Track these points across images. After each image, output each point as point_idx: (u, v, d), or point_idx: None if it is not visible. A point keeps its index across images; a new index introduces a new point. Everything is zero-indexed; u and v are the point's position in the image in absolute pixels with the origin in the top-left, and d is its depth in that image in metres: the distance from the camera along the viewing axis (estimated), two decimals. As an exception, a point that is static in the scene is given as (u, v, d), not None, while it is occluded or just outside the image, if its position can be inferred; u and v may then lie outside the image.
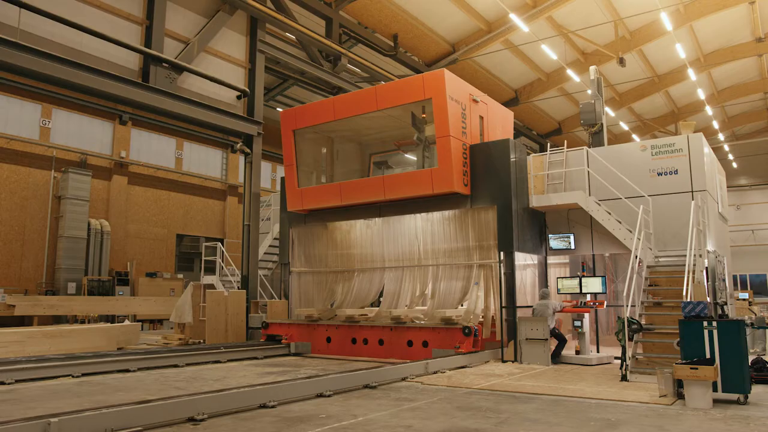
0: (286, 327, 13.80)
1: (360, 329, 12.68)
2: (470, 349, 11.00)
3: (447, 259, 13.27)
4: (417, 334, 11.81)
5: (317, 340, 13.28)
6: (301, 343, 13.40)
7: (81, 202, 22.50)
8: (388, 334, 12.19)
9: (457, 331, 11.24)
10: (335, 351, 12.91)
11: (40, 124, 22.53)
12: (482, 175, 12.65)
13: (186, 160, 27.76)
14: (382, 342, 12.22)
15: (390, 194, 13.16)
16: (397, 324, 12.14)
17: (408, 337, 11.88)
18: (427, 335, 11.66)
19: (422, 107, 13.26)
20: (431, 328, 11.67)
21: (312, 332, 13.41)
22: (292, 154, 14.68)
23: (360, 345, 12.56)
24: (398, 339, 12.04)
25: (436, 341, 11.52)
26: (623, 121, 34.04)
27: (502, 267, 12.11)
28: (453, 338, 11.22)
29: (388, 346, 12.13)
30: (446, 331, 11.43)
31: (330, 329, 13.10)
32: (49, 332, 12.19)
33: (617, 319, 9.27)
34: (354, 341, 12.67)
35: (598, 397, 7.51)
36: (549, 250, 13.35)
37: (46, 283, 21.94)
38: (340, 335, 12.95)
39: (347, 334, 12.83)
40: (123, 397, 7.82)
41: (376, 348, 12.28)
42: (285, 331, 13.80)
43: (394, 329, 12.11)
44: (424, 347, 11.61)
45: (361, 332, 12.62)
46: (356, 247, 14.89)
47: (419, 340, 11.74)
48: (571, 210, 13.06)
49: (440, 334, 11.48)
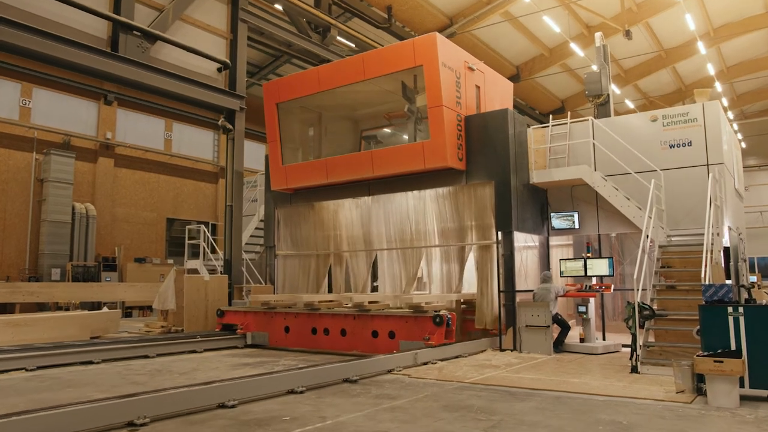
0: (242, 315, 12.41)
1: (320, 318, 11.26)
2: (441, 340, 9.61)
3: (442, 240, 12.33)
4: (383, 323, 10.42)
5: (275, 329, 11.87)
6: (258, 333, 12.08)
7: (64, 185, 21.61)
8: (351, 323, 10.80)
9: (426, 320, 9.85)
10: (293, 342, 11.53)
11: (19, 103, 21.55)
12: (478, 149, 11.67)
13: (175, 141, 26.77)
14: (344, 332, 10.85)
15: (379, 170, 12.19)
16: (360, 312, 10.76)
17: (373, 327, 10.49)
18: (393, 324, 10.27)
19: (414, 76, 12.25)
20: (398, 317, 10.25)
21: (270, 321, 11.99)
22: (275, 130, 13.70)
23: (320, 335, 11.17)
24: (362, 329, 10.64)
25: (403, 331, 10.12)
26: (628, 98, 32.89)
27: (500, 248, 11.18)
28: (422, 328, 9.85)
29: (350, 336, 10.77)
30: (415, 320, 10.03)
31: (288, 318, 11.78)
32: (12, 321, 11.32)
33: (626, 304, 8.35)
34: (314, 331, 11.28)
35: (606, 393, 6.59)
36: (551, 230, 12.39)
37: (29, 270, 21.11)
38: (299, 324, 11.54)
39: (307, 323, 11.43)
40: (69, 394, 6.94)
41: (338, 339, 10.90)
42: (241, 319, 12.39)
43: (358, 318, 10.71)
44: (390, 338, 10.34)
45: (322, 321, 11.21)
46: (345, 228, 13.95)
47: (385, 330, 10.34)
48: (575, 186, 12.08)
49: (408, 324, 10.09)
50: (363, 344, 10.53)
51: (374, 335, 10.45)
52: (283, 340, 11.73)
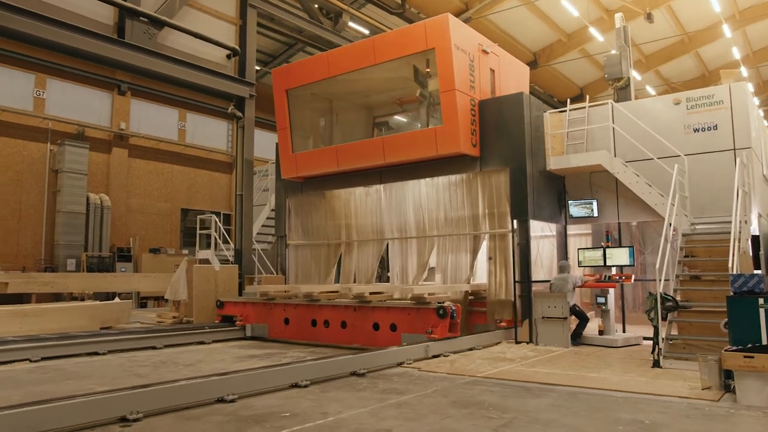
0: (241, 306, 12.05)
1: (320, 309, 10.83)
2: (445, 334, 9.13)
3: (455, 229, 11.97)
4: (384, 315, 9.96)
5: (274, 321, 11.48)
6: (258, 324, 11.72)
7: (79, 176, 21.58)
8: (351, 315, 10.36)
9: (430, 312, 9.36)
10: (293, 334, 11.12)
11: (33, 94, 21.52)
12: (493, 135, 11.26)
13: (189, 131, 26.63)
14: (344, 324, 10.42)
15: (390, 157, 11.84)
16: (361, 303, 10.31)
17: (373, 319, 10.05)
18: (395, 317, 9.81)
19: (426, 60, 11.86)
20: (400, 309, 9.80)
21: (269, 312, 11.60)
22: (285, 117, 13.41)
23: (320, 327, 10.74)
24: (363, 321, 10.19)
25: (405, 324, 9.67)
26: (650, 85, 32.04)
27: (515, 237, 10.79)
28: (425, 321, 9.39)
29: (351, 329, 10.33)
30: (417, 312, 9.55)
31: (288, 309, 11.39)
32: (20, 311, 11.22)
33: (648, 295, 7.94)
34: (314, 323, 10.85)
35: (626, 390, 6.22)
36: (569, 218, 11.97)
37: (45, 260, 21.15)
38: (298, 316, 11.13)
39: (306, 314, 11.01)
40: (68, 387, 6.75)
41: (338, 331, 10.49)
42: (240, 310, 12.02)
43: (358, 309, 10.27)
44: (392, 331, 9.77)
45: (322, 313, 10.78)
46: (356, 217, 13.63)
47: (386, 323, 9.88)
48: (593, 173, 11.62)
49: (411, 316, 9.63)
50: (364, 337, 10.10)
51: (375, 328, 10.02)
52: (282, 332, 11.32)
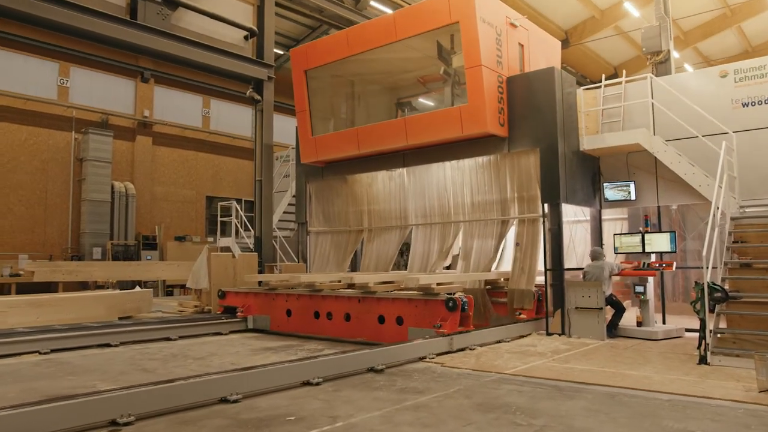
0: (243, 297, 11.43)
1: (323, 300, 10.12)
2: (455, 328, 8.26)
3: (481, 213, 11.34)
4: (389, 307, 9.18)
5: (277, 312, 10.84)
6: (260, 316, 11.10)
7: (103, 164, 21.50)
8: (355, 306, 9.62)
9: (438, 304, 8.50)
10: (295, 327, 10.50)
11: (57, 83, 21.42)
12: (522, 113, 10.57)
13: (213, 118, 26.35)
14: (348, 317, 9.70)
15: (413, 139, 11.25)
16: (365, 294, 9.55)
17: (379, 312, 9.28)
18: (401, 309, 9.01)
19: (450, 36, 11.20)
20: (407, 300, 8.98)
21: (271, 303, 10.97)
22: (304, 99, 12.91)
23: (323, 320, 10.06)
24: (367, 313, 9.44)
25: (412, 317, 8.81)
26: (688, 62, 30.61)
27: (546, 222, 10.13)
28: (434, 313, 8.53)
29: (355, 322, 9.59)
30: (425, 304, 8.70)
31: (290, 300, 10.74)
32: (36, 301, 11.01)
33: (694, 285, 7.23)
34: (317, 315, 10.18)
35: (671, 391, 5.57)
36: (604, 201, 11.23)
37: (71, 249, 21.18)
38: (301, 307, 10.46)
39: (309, 305, 10.34)
40: (69, 383, 6.40)
41: (341, 324, 9.76)
42: (242, 301, 11.40)
43: (363, 301, 9.52)
44: (398, 325, 8.95)
45: (325, 304, 10.09)
46: (379, 202, 13.09)
47: (392, 316, 9.07)
48: (631, 153, 10.85)
49: (418, 308, 8.79)
50: (368, 331, 9.38)
51: (381, 321, 9.25)
52: (285, 324, 10.68)
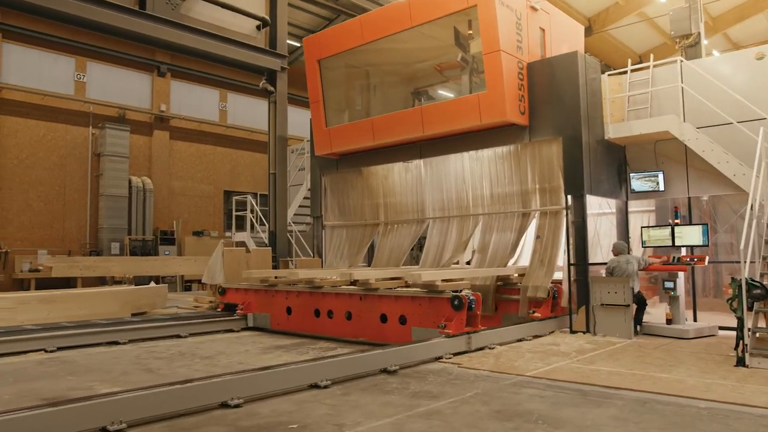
0: (243, 293, 10.97)
1: (324, 298, 9.59)
2: (461, 328, 7.66)
3: (501, 206, 10.90)
4: (392, 305, 8.62)
5: (276, 309, 10.36)
6: (260, 314, 10.63)
7: (120, 159, 21.44)
8: (357, 304, 9.09)
9: (443, 303, 7.90)
10: (295, 325, 9.99)
11: (74, 78, 21.37)
12: (543, 101, 10.09)
13: (231, 112, 26.15)
14: (349, 315, 9.16)
15: (430, 129, 10.83)
16: (366, 292, 8.98)
17: (381, 310, 8.73)
18: (404, 307, 8.45)
19: (468, 21, 10.74)
20: (410, 298, 8.39)
21: (271, 300, 10.48)
22: (318, 89, 12.55)
23: (324, 318, 9.54)
24: (369, 312, 8.89)
25: (416, 316, 8.25)
26: (717, 49, 29.61)
27: (569, 214, 9.65)
28: (438, 312, 7.93)
29: (357, 320, 9.06)
30: (429, 303, 8.12)
31: (290, 297, 10.25)
32: (47, 297, 10.86)
33: (731, 281, 6.73)
34: (317, 313, 9.66)
35: (708, 398, 5.10)
36: (630, 192, 10.70)
37: (90, 244, 21.17)
38: (301, 305, 9.95)
39: (309, 303, 9.82)
40: (67, 384, 6.14)
41: (342, 323, 9.24)
42: (242, 298, 10.92)
43: (364, 299, 8.97)
44: (401, 324, 8.40)
45: (326, 302, 9.56)
46: (395, 195, 12.71)
47: (395, 315, 8.51)
48: (659, 142, 10.31)
49: (422, 307, 8.22)
50: (370, 330, 8.85)
51: (383, 320, 8.71)
52: (285, 322, 10.19)
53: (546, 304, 9.47)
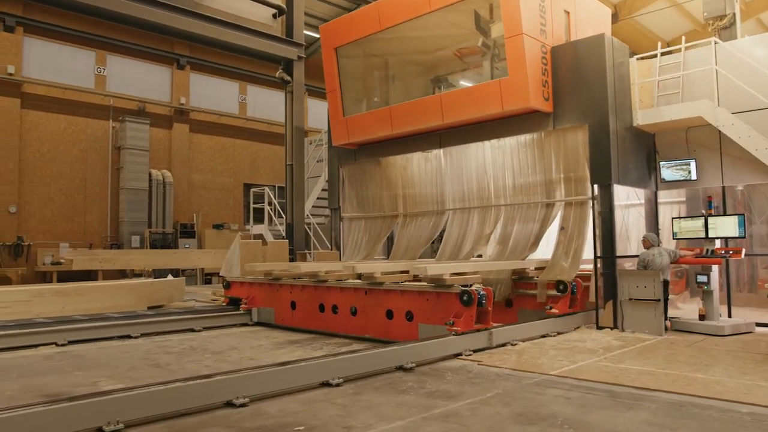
0: (248, 287, 10.64)
1: (328, 292, 9.18)
2: (470, 326, 7.14)
3: (524, 196, 10.49)
4: (398, 300, 8.15)
5: (281, 304, 10.00)
6: (264, 309, 10.27)
7: (140, 152, 21.44)
8: (362, 299, 8.63)
9: (451, 298, 7.41)
10: (300, 321, 9.61)
11: (94, 71, 21.38)
12: (568, 86, 9.65)
13: (250, 104, 26.00)
14: (354, 311, 8.72)
15: (450, 117, 10.46)
16: (371, 286, 8.53)
17: (387, 305, 8.27)
18: (411, 303, 7.97)
19: (489, 4, 10.33)
20: (416, 293, 7.91)
21: (275, 295, 10.12)
22: (335, 78, 12.24)
23: (329, 313, 9.11)
24: (375, 307, 8.45)
25: (423, 312, 7.77)
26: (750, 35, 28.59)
27: (596, 205, 9.22)
28: (446, 308, 7.43)
29: (362, 316, 8.61)
30: (437, 298, 7.62)
31: (295, 291, 9.89)
32: (61, 290, 10.76)
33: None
34: (322, 308, 9.25)
35: (750, 401, 4.69)
36: (660, 182, 10.21)
37: (110, 237, 21.22)
38: (305, 299, 9.57)
39: (313, 297, 9.41)
40: (73, 379, 5.96)
41: (347, 319, 8.80)
42: (246, 292, 10.61)
43: (370, 293, 8.52)
44: (408, 320, 7.95)
45: (330, 296, 9.15)
46: (414, 186, 12.36)
47: (401, 310, 8.05)
48: (691, 128, 9.81)
49: (429, 302, 7.72)
50: (376, 327, 8.41)
51: (389, 316, 8.26)
52: (289, 318, 9.84)
53: (564, 300, 8.92)
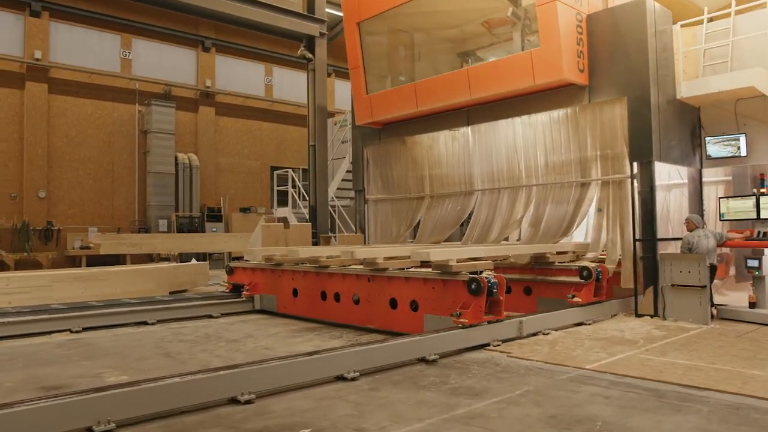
0: (251, 273, 10.17)
1: (330, 279, 8.57)
2: (480, 317, 6.41)
3: (557, 176, 9.88)
4: (402, 288, 7.48)
5: (283, 291, 9.44)
6: (267, 296, 9.74)
7: (166, 136, 21.34)
8: (365, 287, 7.98)
9: (459, 286, 6.68)
10: (302, 309, 9.05)
11: (120, 55, 21.27)
12: (606, 57, 8.96)
13: (276, 86, 25.65)
14: (357, 300, 8.09)
15: (477, 92, 9.87)
16: (374, 272, 7.86)
17: (390, 294, 7.61)
18: (416, 291, 7.29)
19: (520, -30, 9.68)
20: (422, 281, 7.23)
21: (277, 281, 9.58)
22: (357, 54, 11.73)
23: (331, 302, 8.50)
24: (378, 295, 7.79)
25: (429, 301, 7.08)
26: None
27: (635, 184, 8.58)
28: (453, 297, 6.73)
29: (365, 305, 7.96)
30: (443, 286, 6.93)
31: (297, 277, 9.33)
32: (81, 275, 10.61)
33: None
34: (324, 296, 8.66)
35: (818, 403, 4.15)
36: (706, 159, 9.49)
37: (138, 221, 21.25)
38: (307, 286, 8.99)
39: (315, 284, 8.83)
40: (78, 370, 5.68)
41: (350, 308, 8.17)
42: (248, 278, 10.14)
43: (372, 280, 7.87)
44: (413, 310, 7.28)
45: (332, 283, 8.53)
46: (441, 166, 11.82)
47: (406, 299, 7.39)
48: (740, 100, 9.02)
49: (435, 290, 7.03)
50: (379, 317, 7.79)
51: (393, 305, 7.60)
52: (291, 305, 9.27)
53: (588, 288, 8.11)
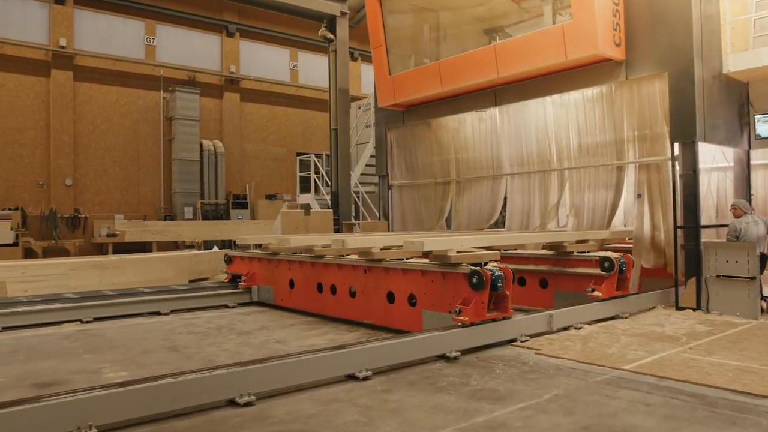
0: (248, 262, 9.70)
1: (326, 270, 7.98)
2: (482, 315, 5.74)
3: (591, 158, 9.27)
4: (400, 281, 6.84)
5: (280, 282, 8.92)
6: (264, 287, 9.26)
7: (191, 122, 21.17)
8: (361, 278, 7.39)
9: (459, 280, 6.00)
10: (298, 301, 8.50)
11: (144, 42, 21.12)
12: (645, 29, 8.29)
13: (302, 71, 25.24)
14: (353, 292, 7.52)
15: (505, 70, 9.30)
16: (370, 263, 7.25)
17: (387, 287, 6.99)
18: (413, 284, 6.64)
19: (551, -62, 9.04)
20: (420, 273, 6.55)
21: (274, 271, 9.07)
22: (379, 33, 11.24)
23: (327, 294, 7.93)
24: (375, 288, 7.18)
25: (427, 296, 6.44)
26: None
27: (677, 166, 7.94)
28: (454, 291, 6.06)
29: (362, 298, 7.37)
30: (443, 279, 6.25)
31: (293, 267, 8.76)
32: (99, 263, 10.43)
33: None
34: (320, 288, 8.08)
35: None
36: (755, 139, 8.77)
37: (164, 209, 21.19)
38: (303, 277, 8.43)
39: (312, 276, 8.27)
40: (77, 365, 5.38)
41: (346, 300, 7.60)
42: (246, 268, 9.66)
43: (369, 271, 7.27)
44: (410, 305, 6.65)
45: (328, 274, 7.95)
46: (467, 150, 11.28)
47: (403, 293, 6.76)
48: (794, 74, 8.31)
49: (434, 284, 6.37)
50: (376, 311, 7.21)
51: (390, 299, 6.99)
52: (288, 297, 8.76)
53: (610, 280, 7.36)
